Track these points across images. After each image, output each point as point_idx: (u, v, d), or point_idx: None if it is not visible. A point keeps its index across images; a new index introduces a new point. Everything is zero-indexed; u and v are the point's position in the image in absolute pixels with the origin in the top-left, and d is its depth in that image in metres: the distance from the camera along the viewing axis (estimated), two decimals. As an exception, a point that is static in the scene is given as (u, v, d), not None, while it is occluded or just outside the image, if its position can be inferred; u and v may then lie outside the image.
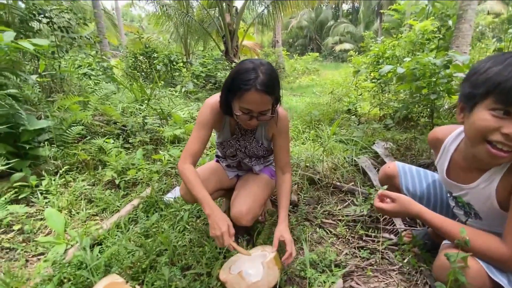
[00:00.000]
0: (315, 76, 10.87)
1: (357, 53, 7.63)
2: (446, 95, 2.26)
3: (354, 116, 3.41)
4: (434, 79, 2.27)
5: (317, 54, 13.76)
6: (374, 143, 2.44)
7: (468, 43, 3.80)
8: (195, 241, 1.37)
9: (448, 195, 1.06)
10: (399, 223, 1.49)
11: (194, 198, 1.15)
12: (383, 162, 2.13)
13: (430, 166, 1.95)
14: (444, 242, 0.94)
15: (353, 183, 1.94)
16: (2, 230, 1.51)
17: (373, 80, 4.08)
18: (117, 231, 1.48)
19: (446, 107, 2.89)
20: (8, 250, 1.43)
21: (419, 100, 2.50)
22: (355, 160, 2.15)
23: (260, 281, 1.07)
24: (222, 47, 7.96)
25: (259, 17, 8.47)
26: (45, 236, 1.49)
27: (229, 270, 1.11)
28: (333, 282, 1.12)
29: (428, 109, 2.59)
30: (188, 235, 1.43)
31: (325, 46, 23.10)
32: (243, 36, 8.52)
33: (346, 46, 20.17)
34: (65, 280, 1.13)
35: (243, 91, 1.03)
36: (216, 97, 1.23)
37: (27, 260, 1.36)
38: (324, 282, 1.13)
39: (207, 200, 1.09)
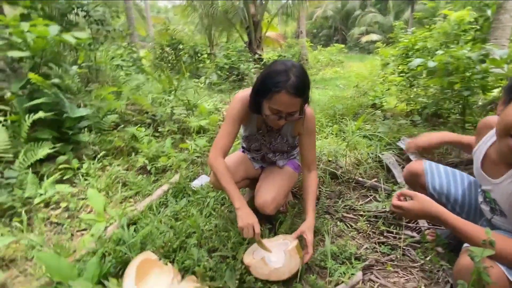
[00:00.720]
0: (339, 68, 10.56)
1: (385, 44, 7.31)
2: (481, 91, 2.15)
3: (379, 111, 3.33)
4: (469, 74, 2.17)
5: (342, 45, 13.29)
6: (399, 140, 2.39)
7: (508, 35, 3.52)
8: (221, 226, 1.45)
9: (479, 189, 1.05)
10: (422, 222, 1.49)
11: (224, 190, 1.22)
12: (408, 160, 2.09)
13: (458, 165, 1.89)
14: (465, 245, 0.94)
15: (376, 179, 1.93)
16: (52, 207, 1.70)
17: (401, 74, 3.92)
18: (150, 213, 1.61)
19: (480, 103, 2.74)
20: (56, 225, 1.60)
21: (450, 96, 2.40)
22: (379, 156, 2.13)
23: (282, 267, 1.13)
24: (246, 38, 7.97)
25: (283, 7, 8.35)
26: (87, 214, 1.66)
27: (252, 255, 1.19)
28: (352, 274, 1.16)
29: (460, 106, 2.47)
30: (214, 220, 1.52)
31: (351, 37, 22.23)
32: (266, 27, 8.45)
33: (373, 37, 19.27)
34: (107, 254, 1.27)
35: (273, 92, 1.06)
36: (245, 92, 1.27)
37: (72, 234, 1.53)
38: (344, 273, 1.17)
39: (238, 194, 1.17)
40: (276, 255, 1.18)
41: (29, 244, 1.40)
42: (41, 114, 1.90)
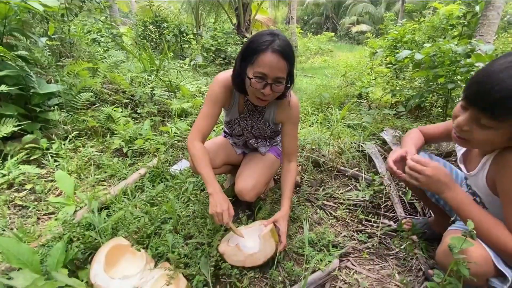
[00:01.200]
0: (328, 57, 10.51)
1: (374, 35, 7.29)
2: (465, 85, 2.17)
3: (364, 101, 3.34)
4: (454, 68, 2.18)
5: (332, 34, 13.21)
6: (382, 130, 2.40)
7: (493, 32, 3.58)
8: (198, 212, 1.41)
9: (464, 181, 1.06)
10: (399, 211, 1.51)
11: (199, 174, 1.17)
12: (390, 150, 2.11)
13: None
14: (450, 228, 0.94)
15: (357, 168, 1.94)
16: (15, 188, 1.58)
17: (388, 65, 3.93)
18: (124, 197, 1.53)
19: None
20: (20, 208, 1.50)
21: (435, 89, 2.42)
22: (361, 146, 2.13)
23: (257, 253, 1.11)
24: (234, 20, 7.69)
25: (275, -10, 8.07)
26: (55, 197, 1.55)
27: (227, 243, 1.16)
28: (329, 261, 1.16)
29: (443, 99, 2.51)
30: (192, 206, 1.47)
31: (341, 26, 22.10)
32: (256, 9, 8.18)
33: (363, 27, 19.26)
34: (75, 239, 1.19)
35: (258, 53, 1.01)
36: (226, 73, 1.21)
37: (38, 218, 1.43)
38: (321, 260, 1.17)
39: (211, 179, 1.12)
40: (252, 241, 1.16)
41: (-11, 228, 1.30)
42: (3, 87, 1.73)
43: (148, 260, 1.11)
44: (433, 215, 1.32)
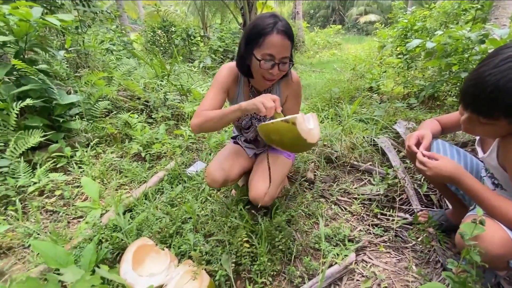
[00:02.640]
0: (336, 50, 10.35)
1: (383, 25, 7.13)
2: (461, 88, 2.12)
3: (376, 94, 3.30)
4: (467, 55, 2.13)
5: (340, 26, 12.99)
6: (395, 123, 2.38)
7: (509, 14, 3.43)
8: (217, 211, 1.46)
9: (483, 164, 1.08)
10: (415, 204, 1.51)
11: (219, 119, 1.12)
12: (403, 143, 2.10)
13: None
14: (468, 214, 0.95)
15: (371, 163, 1.94)
16: (46, 195, 1.69)
17: (399, 56, 3.86)
18: (145, 200, 1.61)
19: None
20: (51, 213, 1.60)
21: (448, 78, 2.37)
22: (374, 140, 2.12)
23: (314, 129, 1.02)
24: (240, 20, 7.70)
25: (279, -14, 8.02)
26: (82, 201, 1.65)
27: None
28: (346, 255, 1.18)
29: (457, 88, 2.45)
30: (209, 205, 1.53)
31: (349, 17, 21.66)
32: (261, 7, 8.17)
33: (372, 17, 18.81)
34: (103, 241, 1.27)
35: (264, 36, 1.06)
36: (231, 63, 1.27)
37: (68, 222, 1.53)
38: (338, 254, 1.19)
39: (233, 106, 1.09)
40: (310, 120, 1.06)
41: (25, 232, 1.41)
42: (28, 101, 1.84)
43: (171, 258, 1.18)
44: (450, 207, 1.31)
